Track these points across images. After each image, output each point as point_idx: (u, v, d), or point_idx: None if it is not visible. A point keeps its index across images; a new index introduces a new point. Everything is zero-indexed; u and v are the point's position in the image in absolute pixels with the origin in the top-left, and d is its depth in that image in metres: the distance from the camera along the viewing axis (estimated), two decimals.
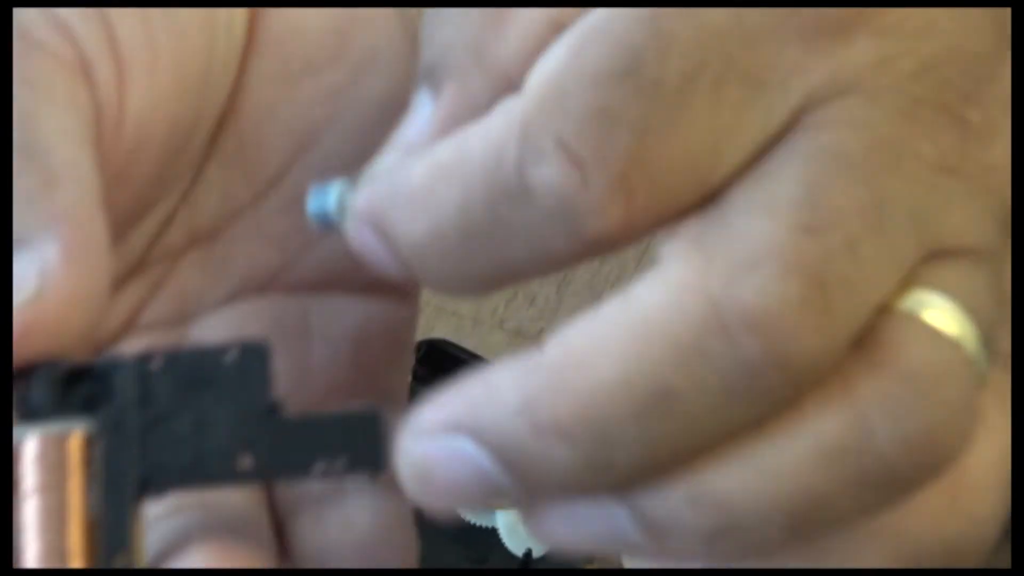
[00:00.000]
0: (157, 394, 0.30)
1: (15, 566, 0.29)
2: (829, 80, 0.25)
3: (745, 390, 0.24)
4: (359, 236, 0.27)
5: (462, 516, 0.67)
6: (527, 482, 0.25)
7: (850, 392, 0.24)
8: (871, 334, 0.24)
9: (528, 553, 0.65)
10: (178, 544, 0.29)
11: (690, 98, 0.24)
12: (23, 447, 0.30)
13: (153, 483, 0.30)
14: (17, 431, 0.30)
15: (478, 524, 0.66)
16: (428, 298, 0.51)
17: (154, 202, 0.32)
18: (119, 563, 0.29)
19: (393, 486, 0.28)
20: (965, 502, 0.26)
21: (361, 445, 0.29)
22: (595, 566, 0.68)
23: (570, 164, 0.24)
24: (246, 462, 0.30)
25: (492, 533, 0.66)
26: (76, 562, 0.29)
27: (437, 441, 0.25)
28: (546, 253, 0.25)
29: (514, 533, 0.66)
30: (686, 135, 0.25)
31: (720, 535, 0.25)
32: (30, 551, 0.29)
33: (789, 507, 0.25)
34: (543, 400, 0.24)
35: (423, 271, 0.26)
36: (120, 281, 0.33)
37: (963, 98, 0.25)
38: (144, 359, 0.30)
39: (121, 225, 0.31)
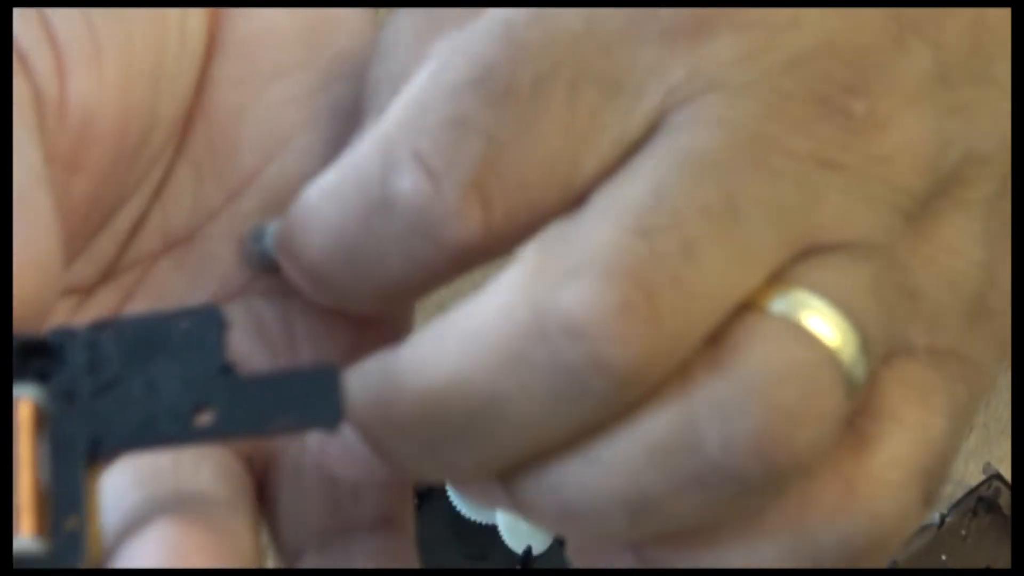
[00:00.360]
0: (108, 360, 0.30)
1: None
2: (689, 78, 0.25)
3: (572, 395, 0.24)
4: (281, 262, 0.29)
5: (462, 513, 0.67)
6: (391, 465, 0.27)
7: (685, 392, 0.24)
8: (723, 333, 0.24)
9: (528, 551, 0.65)
10: (142, 519, 0.29)
11: (543, 104, 0.25)
12: None
13: (104, 445, 0.30)
14: None
15: (478, 521, 0.66)
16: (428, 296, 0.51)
17: (120, 201, 0.32)
18: (71, 525, 0.29)
19: (404, 536, 0.30)
20: (862, 497, 0.25)
21: (318, 400, 0.29)
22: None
23: (424, 174, 0.25)
24: (203, 419, 0.29)
25: (492, 530, 0.66)
26: (26, 520, 0.29)
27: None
28: (419, 264, 0.26)
29: (514, 530, 0.66)
30: (541, 141, 0.25)
31: (570, 522, 0.26)
32: None
33: (625, 502, 0.25)
34: (389, 396, 0.26)
35: (322, 289, 0.28)
36: (92, 287, 0.33)
37: (845, 89, 0.25)
38: (96, 327, 0.30)
39: (86, 223, 0.31)
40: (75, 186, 0.30)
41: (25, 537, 0.29)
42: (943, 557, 0.69)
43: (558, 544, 0.67)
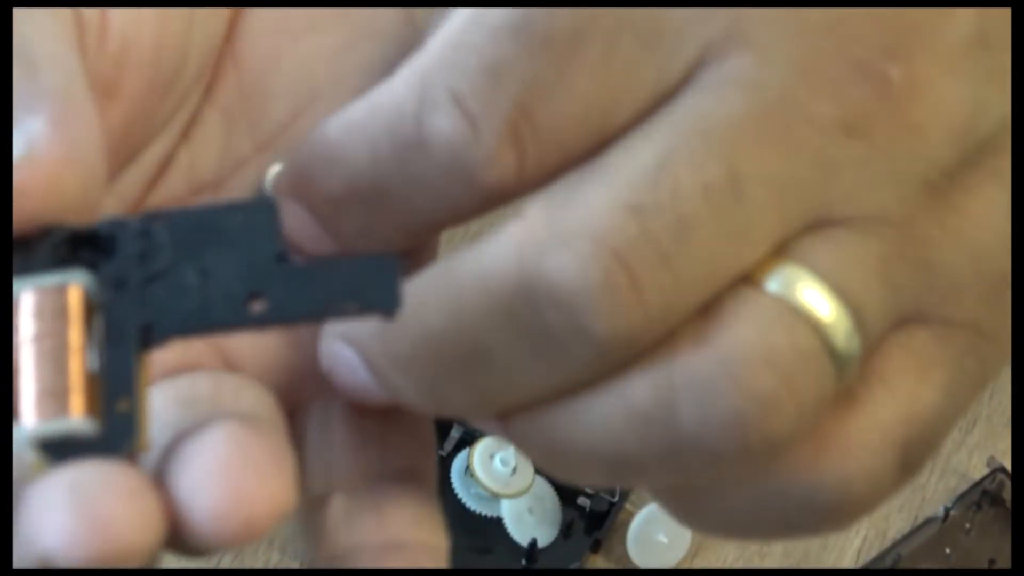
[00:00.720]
0: (160, 249, 0.30)
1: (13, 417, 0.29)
2: (728, 33, 0.25)
3: (555, 356, 0.25)
4: (285, 205, 0.29)
5: (467, 506, 0.67)
6: (392, 393, 0.28)
7: (668, 363, 0.25)
8: (716, 305, 0.24)
9: (533, 543, 0.65)
10: (194, 428, 0.28)
11: (581, 52, 0.25)
12: (20, 300, 0.30)
13: (156, 331, 0.30)
14: (16, 285, 0.30)
15: (483, 514, 0.66)
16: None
17: (149, 135, 0.32)
18: (123, 407, 0.29)
19: (428, 488, 0.30)
20: (834, 456, 0.25)
21: (375, 287, 0.29)
22: (600, 553, 0.68)
23: (462, 116, 0.25)
24: (257, 306, 0.29)
25: (497, 523, 0.66)
26: (76, 400, 0.29)
27: (337, 343, 0.29)
28: (448, 204, 0.26)
29: (519, 523, 0.66)
30: (576, 89, 0.25)
31: (554, 466, 0.27)
32: (27, 393, 0.29)
33: (604, 458, 0.26)
34: (389, 335, 0.27)
35: (341, 225, 0.28)
36: None
37: (883, 53, 0.25)
38: (148, 217, 0.30)
39: (116, 155, 0.32)
40: (110, 112, 0.30)
41: (75, 418, 0.29)
42: (947, 550, 0.69)
43: (563, 537, 0.67)
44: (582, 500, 0.67)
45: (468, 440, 0.65)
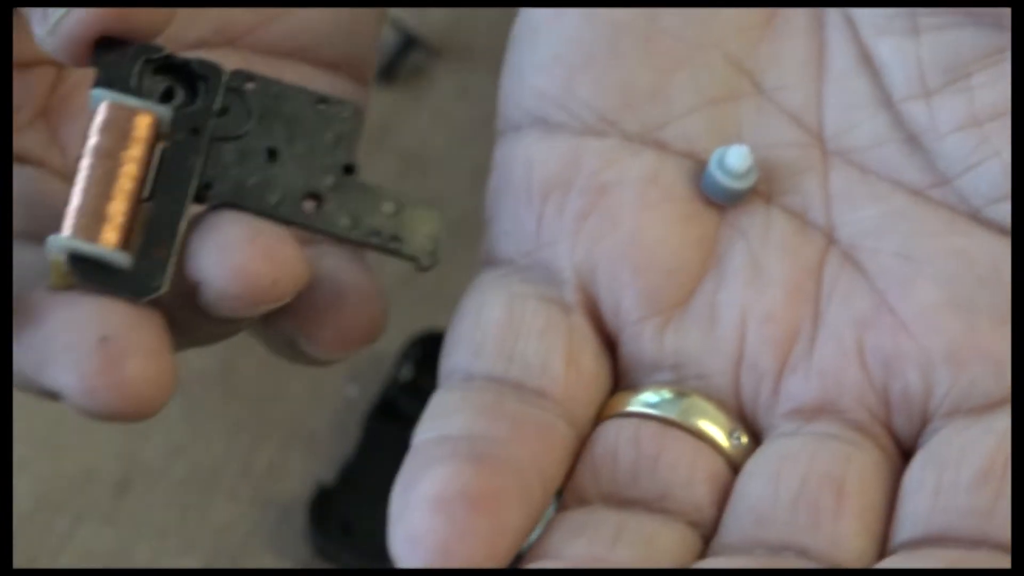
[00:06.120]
0: (242, 112, 0.30)
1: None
2: None
3: None
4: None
5: None
6: None
7: None
8: None
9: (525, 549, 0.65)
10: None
11: None
12: (96, 111, 0.30)
13: (214, 190, 0.30)
14: (96, 93, 0.30)
15: None
16: (427, 291, 0.51)
17: None
18: (158, 254, 0.30)
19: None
20: None
21: (420, 235, 0.30)
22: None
23: None
24: (308, 206, 0.30)
25: None
26: (112, 229, 0.29)
27: None
28: None
29: None
30: None
31: None
32: (73, 206, 0.30)
33: None
34: None
35: None
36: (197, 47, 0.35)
37: None
38: (243, 74, 0.31)
39: None
40: None
41: (109, 247, 0.29)
42: None
43: None
44: None
45: None
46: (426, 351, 0.60)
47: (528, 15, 0.36)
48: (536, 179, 0.35)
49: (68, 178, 0.33)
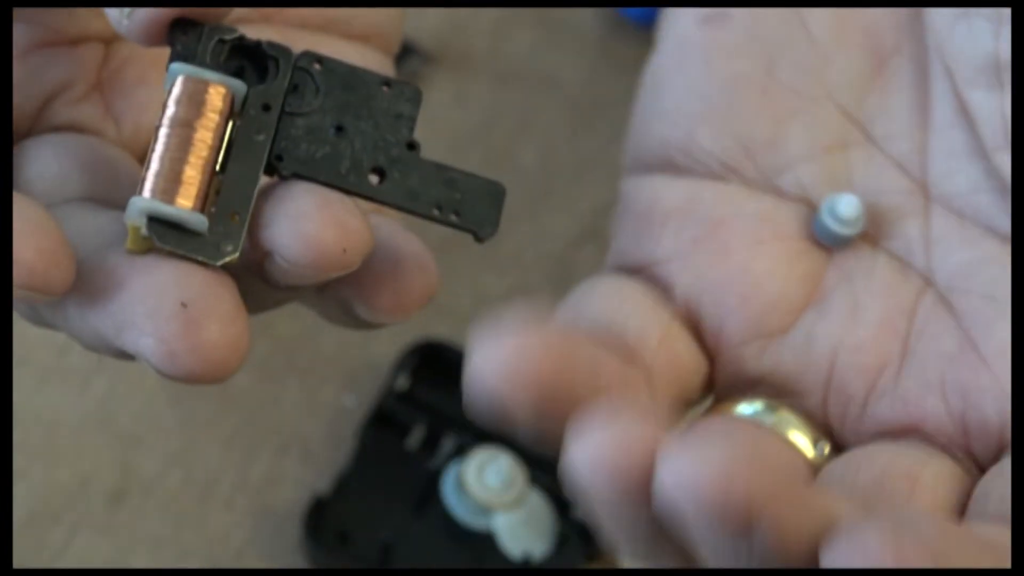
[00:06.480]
0: (311, 91, 0.33)
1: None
2: None
3: None
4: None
5: (458, 520, 0.66)
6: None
7: None
8: None
9: (526, 558, 0.65)
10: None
11: None
12: (173, 83, 0.32)
13: (285, 162, 0.32)
14: (174, 67, 0.32)
15: (475, 528, 0.65)
16: None
17: None
18: (229, 225, 0.31)
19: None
20: None
21: (480, 208, 0.32)
22: (595, 565, 0.67)
23: None
24: (374, 179, 0.32)
25: (489, 538, 0.65)
26: (187, 197, 0.31)
27: None
28: None
29: (513, 536, 0.65)
30: None
31: None
32: (152, 170, 0.31)
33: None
34: None
35: None
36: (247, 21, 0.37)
37: None
38: (310, 56, 0.33)
39: None
40: None
41: (187, 209, 0.31)
42: None
43: (557, 550, 0.66)
44: (577, 513, 0.67)
45: (461, 451, 0.64)
46: (422, 361, 0.60)
47: (654, 64, 0.40)
48: (659, 207, 0.38)
49: (125, 148, 0.34)
